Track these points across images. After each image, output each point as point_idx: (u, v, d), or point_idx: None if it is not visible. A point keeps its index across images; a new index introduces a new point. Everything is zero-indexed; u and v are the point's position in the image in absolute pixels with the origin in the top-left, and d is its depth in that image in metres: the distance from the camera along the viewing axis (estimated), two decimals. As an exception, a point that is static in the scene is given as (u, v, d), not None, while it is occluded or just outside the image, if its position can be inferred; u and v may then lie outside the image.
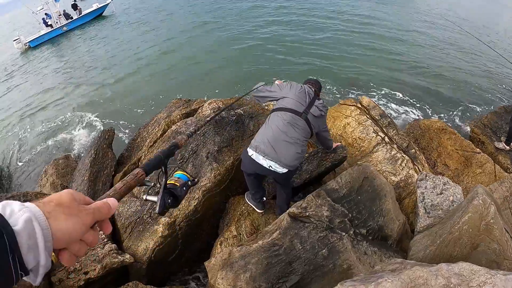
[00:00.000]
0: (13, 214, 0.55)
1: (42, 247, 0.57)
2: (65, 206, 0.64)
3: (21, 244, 0.53)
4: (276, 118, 3.03)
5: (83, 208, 0.69)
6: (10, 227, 0.53)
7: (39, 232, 0.56)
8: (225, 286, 2.74)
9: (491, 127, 6.29)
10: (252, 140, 3.06)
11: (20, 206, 0.57)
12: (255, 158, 3.00)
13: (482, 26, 16.38)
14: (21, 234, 0.54)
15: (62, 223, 0.62)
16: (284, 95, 3.17)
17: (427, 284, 1.60)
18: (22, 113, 10.91)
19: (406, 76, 9.90)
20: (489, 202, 2.43)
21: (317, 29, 14.00)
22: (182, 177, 1.31)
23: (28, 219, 0.55)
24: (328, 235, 2.87)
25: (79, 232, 0.65)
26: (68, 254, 0.65)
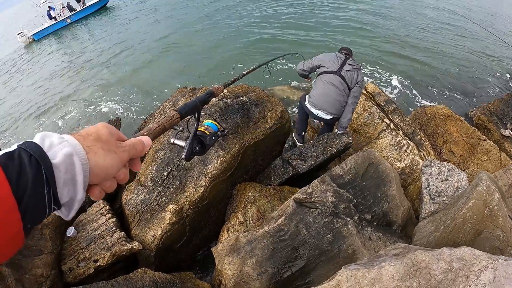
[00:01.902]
0: (52, 146, 0.55)
1: (80, 182, 0.57)
2: (103, 141, 0.64)
3: (58, 178, 0.53)
4: (320, 81, 4.25)
5: (120, 145, 0.68)
6: (49, 160, 0.52)
7: (79, 167, 0.56)
8: (232, 271, 2.80)
9: (498, 114, 6.24)
10: (309, 95, 4.41)
11: (60, 139, 0.56)
12: (309, 107, 4.40)
13: (492, 13, 16.08)
14: (59, 168, 0.53)
15: (101, 159, 0.61)
16: (321, 64, 4.29)
17: (429, 268, 1.63)
18: (27, 105, 10.98)
19: (411, 62, 9.78)
20: (493, 188, 2.45)
21: (326, 16, 13.82)
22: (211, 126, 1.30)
23: (69, 154, 0.55)
24: (333, 220, 2.91)
25: (115, 168, 0.65)
26: (98, 190, 0.65)
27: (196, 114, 1.13)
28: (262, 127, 4.08)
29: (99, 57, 13.63)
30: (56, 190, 0.53)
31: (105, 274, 3.32)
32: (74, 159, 0.55)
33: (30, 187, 0.48)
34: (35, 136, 0.56)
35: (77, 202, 0.58)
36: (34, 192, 0.49)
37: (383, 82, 8.70)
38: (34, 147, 0.52)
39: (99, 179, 0.62)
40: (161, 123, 0.90)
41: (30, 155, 0.51)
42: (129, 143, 0.71)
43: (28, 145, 0.52)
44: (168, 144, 3.96)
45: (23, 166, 0.49)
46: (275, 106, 4.30)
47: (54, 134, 0.57)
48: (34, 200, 0.49)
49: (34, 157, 0.51)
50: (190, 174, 3.62)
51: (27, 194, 0.48)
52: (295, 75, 8.62)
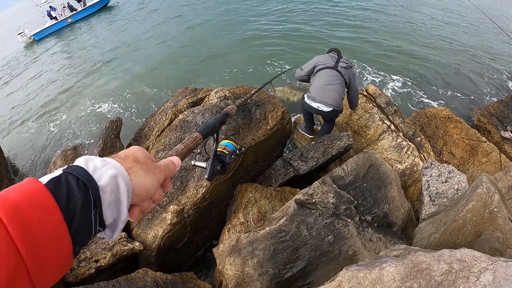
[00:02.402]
0: (97, 169, 0.56)
1: (125, 202, 0.58)
2: (141, 162, 0.66)
3: (103, 200, 0.55)
4: (318, 77, 4.42)
5: (156, 165, 0.70)
6: (96, 183, 0.54)
7: (123, 188, 0.58)
8: (233, 271, 2.81)
9: (498, 116, 6.26)
10: (307, 92, 4.54)
11: (102, 162, 0.58)
12: (308, 103, 4.50)
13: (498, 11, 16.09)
14: (105, 190, 0.55)
15: (142, 179, 0.63)
16: (317, 63, 4.49)
17: (429, 269, 1.65)
18: (29, 105, 10.94)
19: (412, 63, 9.78)
20: (493, 190, 2.47)
21: (325, 15, 13.84)
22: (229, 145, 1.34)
23: (113, 175, 0.56)
24: (334, 221, 2.93)
25: (154, 188, 0.67)
26: (138, 210, 0.66)
27: (215, 134, 1.17)
28: (263, 128, 4.10)
29: (99, 58, 13.60)
30: (102, 211, 0.55)
31: (106, 274, 3.33)
32: (118, 180, 0.57)
33: (79, 211, 0.50)
34: (77, 160, 0.58)
35: (121, 222, 0.60)
36: (83, 215, 0.51)
37: (383, 83, 8.71)
38: (81, 170, 0.54)
39: (140, 199, 0.64)
40: (186, 144, 0.95)
41: (78, 178, 0.52)
42: (163, 164, 0.73)
43: (74, 169, 0.54)
44: (170, 144, 3.98)
45: (72, 191, 0.50)
46: (276, 107, 4.32)
47: (96, 158, 0.59)
48: (83, 223, 0.51)
49: (81, 181, 0.52)
50: (191, 174, 3.64)
51: (77, 218, 0.50)
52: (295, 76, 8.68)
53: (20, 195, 0.46)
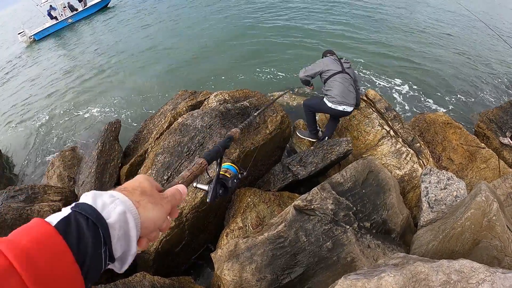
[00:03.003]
0: (105, 206, 0.57)
1: (134, 236, 0.59)
2: (149, 194, 0.66)
3: (113, 236, 0.55)
4: (335, 82, 4.56)
5: (163, 196, 0.71)
6: (105, 221, 0.55)
7: (132, 223, 0.59)
8: (231, 277, 2.81)
9: (497, 122, 6.25)
10: (328, 96, 4.59)
11: (111, 198, 0.59)
12: (333, 107, 4.59)
13: (498, 18, 16.15)
14: (114, 227, 0.55)
15: (150, 213, 0.64)
16: (324, 68, 4.64)
17: (428, 279, 1.65)
18: (28, 106, 10.91)
19: (411, 68, 9.79)
20: (492, 199, 2.47)
21: (322, 20, 13.86)
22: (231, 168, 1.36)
23: (122, 212, 0.57)
24: (332, 228, 2.92)
25: (162, 220, 0.68)
26: (146, 241, 0.67)
27: (218, 159, 1.20)
28: (263, 132, 4.10)
29: (99, 59, 13.57)
30: (111, 247, 0.55)
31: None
32: (127, 216, 0.58)
33: (90, 250, 0.51)
34: (85, 196, 0.58)
35: (130, 256, 0.61)
36: (94, 254, 0.51)
37: (382, 88, 8.72)
38: (89, 209, 0.55)
39: (148, 231, 0.65)
40: (192, 171, 0.96)
41: (87, 218, 0.53)
42: (169, 194, 0.73)
43: (82, 207, 0.55)
44: (168, 148, 3.97)
45: (82, 231, 0.51)
46: (276, 112, 4.33)
47: (104, 193, 0.60)
48: (94, 262, 0.52)
49: (91, 220, 0.53)
50: (190, 179, 3.63)
51: (88, 258, 0.50)
52: (294, 81, 8.69)
53: (30, 239, 0.46)
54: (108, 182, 4.65)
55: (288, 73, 9.39)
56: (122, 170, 4.74)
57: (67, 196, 4.32)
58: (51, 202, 4.10)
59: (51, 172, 5.67)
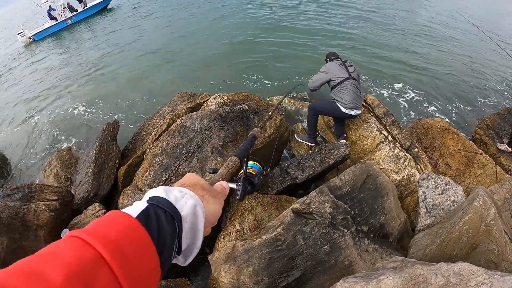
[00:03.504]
0: (178, 200, 0.59)
1: (201, 230, 0.61)
2: (207, 189, 0.69)
3: (183, 229, 0.57)
4: (345, 90, 4.71)
5: (217, 191, 0.74)
6: (180, 215, 0.57)
7: (201, 217, 0.61)
8: (228, 279, 2.79)
9: (494, 128, 6.29)
10: (340, 102, 4.71)
11: (181, 193, 0.61)
12: (347, 112, 4.74)
13: (494, 25, 16.28)
14: (186, 220, 0.58)
15: (212, 206, 0.66)
16: (332, 77, 4.76)
17: (426, 282, 1.65)
18: (26, 105, 10.84)
19: (410, 74, 9.84)
20: (489, 203, 2.48)
21: (323, 23, 13.93)
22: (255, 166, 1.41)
23: (193, 205, 0.60)
24: (330, 231, 2.92)
25: (220, 213, 0.71)
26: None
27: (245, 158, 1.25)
28: (261, 136, 4.10)
29: (98, 61, 13.53)
30: (181, 239, 0.57)
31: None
32: (197, 209, 0.60)
33: (168, 242, 0.53)
34: (156, 191, 0.60)
35: (196, 249, 0.63)
36: (171, 245, 0.54)
37: (380, 93, 8.75)
38: (166, 203, 0.57)
39: (210, 224, 0.68)
40: (229, 168, 1.02)
41: (165, 211, 0.55)
42: (220, 189, 0.78)
43: (159, 200, 0.57)
44: (167, 149, 3.97)
45: (161, 223, 0.53)
46: (274, 115, 4.33)
47: (173, 188, 0.62)
48: (169, 253, 0.54)
49: (169, 213, 0.55)
50: (188, 180, 3.62)
51: (166, 250, 0.52)
52: (295, 84, 8.71)
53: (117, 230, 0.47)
54: (105, 183, 4.63)
55: (290, 76, 9.42)
56: (120, 171, 4.72)
57: (63, 196, 4.28)
58: (48, 202, 4.06)
59: (48, 171, 5.64)
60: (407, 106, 8.25)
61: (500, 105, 8.53)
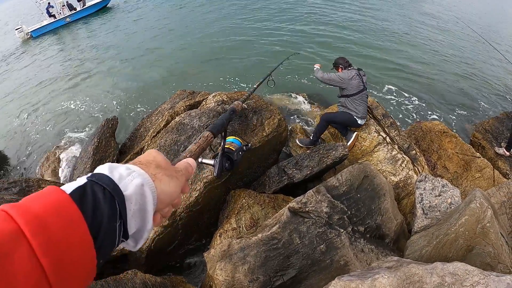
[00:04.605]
0: (122, 178, 0.54)
1: (150, 211, 0.56)
2: (164, 167, 0.64)
3: (128, 210, 0.52)
4: (358, 100, 4.86)
5: (177, 169, 0.68)
6: (122, 193, 0.51)
7: (150, 197, 0.55)
8: (223, 277, 2.78)
9: (492, 132, 6.31)
10: (355, 113, 4.88)
11: (128, 170, 0.56)
12: (360, 122, 4.99)
13: (493, 30, 16.33)
14: (131, 200, 0.52)
15: (166, 186, 0.61)
16: (347, 86, 4.81)
17: (422, 281, 1.64)
18: (24, 101, 10.82)
19: (409, 77, 9.85)
20: (486, 205, 2.47)
21: (325, 24, 13.94)
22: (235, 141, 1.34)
23: (140, 184, 0.54)
24: (326, 231, 2.92)
25: (177, 193, 0.65)
26: (159, 217, 0.64)
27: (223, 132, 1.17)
28: (259, 135, 4.10)
29: (96, 58, 13.48)
30: (126, 222, 0.52)
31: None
32: (145, 189, 0.55)
33: (105, 223, 0.48)
34: (101, 168, 0.55)
35: (146, 232, 0.58)
36: (108, 227, 0.48)
37: (379, 95, 8.76)
38: (107, 180, 0.52)
39: (164, 205, 0.62)
40: (199, 144, 0.94)
41: (104, 188, 0.50)
42: (183, 167, 0.72)
43: (99, 177, 0.52)
44: (165, 146, 3.96)
45: (98, 201, 0.48)
46: (273, 114, 4.33)
47: (120, 165, 0.57)
48: (108, 236, 0.49)
49: (108, 191, 0.50)
50: (185, 177, 3.61)
51: (102, 231, 0.47)
52: (294, 85, 8.73)
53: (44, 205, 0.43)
54: (102, 179, 4.62)
55: (290, 75, 9.43)
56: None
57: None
58: (44, 197, 4.06)
59: (46, 166, 5.64)
60: (405, 108, 8.27)
61: (499, 109, 8.55)
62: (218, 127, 1.10)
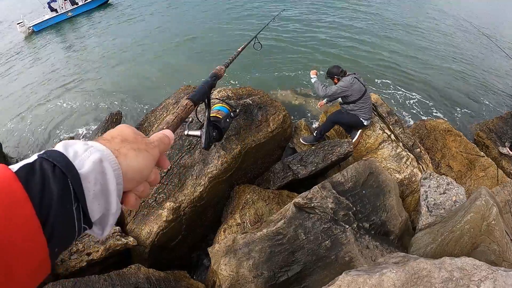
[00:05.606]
0: (78, 155, 0.47)
1: (113, 191, 0.49)
2: (131, 140, 0.56)
3: (87, 191, 0.45)
4: (363, 103, 4.84)
5: (148, 141, 0.61)
6: (76, 171, 0.45)
7: (111, 174, 0.48)
8: (227, 272, 2.79)
9: (496, 131, 6.29)
10: (362, 115, 4.89)
11: (85, 146, 0.48)
12: (366, 124, 4.98)
13: (498, 28, 16.28)
14: (88, 179, 0.45)
15: (133, 161, 0.54)
16: (351, 93, 4.77)
17: (430, 276, 1.64)
18: (27, 95, 10.85)
19: (414, 75, 9.85)
20: (491, 203, 2.47)
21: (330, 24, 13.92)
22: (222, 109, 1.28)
23: (97, 160, 0.47)
24: (331, 227, 2.91)
25: (150, 168, 0.58)
26: (133, 197, 0.57)
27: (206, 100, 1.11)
28: (264, 131, 4.09)
29: (98, 53, 13.48)
30: (85, 205, 0.46)
31: (97, 268, 3.28)
32: (104, 165, 0.48)
33: (56, 204, 0.41)
34: (57, 145, 0.48)
35: (111, 216, 0.51)
36: (61, 210, 0.42)
37: (385, 92, 8.75)
38: (58, 156, 0.45)
39: (134, 183, 0.56)
40: (177, 114, 0.87)
41: (54, 165, 0.44)
42: (156, 138, 0.64)
43: (50, 154, 0.45)
44: (169, 141, 3.95)
45: (47, 180, 0.42)
46: (278, 110, 4.32)
47: (78, 141, 0.50)
48: (61, 220, 0.42)
49: (58, 168, 0.43)
50: (190, 172, 3.62)
51: (53, 213, 0.41)
52: (297, 81, 8.72)
53: None
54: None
55: (294, 72, 9.42)
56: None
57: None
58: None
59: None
60: (410, 107, 8.26)
61: (503, 108, 8.53)
62: (198, 95, 1.04)
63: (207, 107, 1.11)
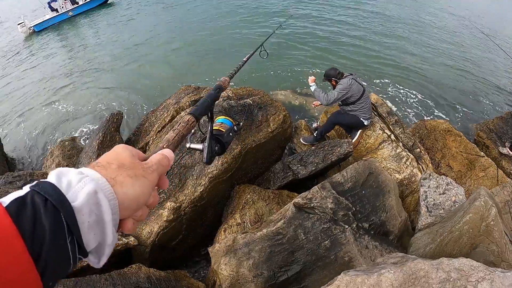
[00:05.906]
0: (71, 186, 0.46)
1: (109, 222, 0.48)
2: (127, 166, 0.55)
3: (81, 224, 0.45)
4: (363, 103, 4.83)
5: (146, 166, 0.59)
6: (69, 204, 0.44)
7: (106, 206, 0.47)
8: (228, 272, 2.80)
9: (497, 131, 6.29)
10: (362, 116, 4.90)
11: (79, 175, 0.47)
12: (367, 123, 5.00)
13: (499, 28, 16.26)
14: (82, 211, 0.44)
15: (129, 189, 0.52)
16: (352, 94, 4.75)
17: (427, 276, 1.66)
18: (28, 95, 10.88)
19: (414, 75, 9.85)
20: (490, 204, 2.48)
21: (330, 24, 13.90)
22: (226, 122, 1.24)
23: (91, 192, 0.46)
24: (331, 227, 2.93)
25: (147, 194, 0.56)
26: (131, 222, 0.56)
27: (209, 113, 1.07)
28: (264, 131, 4.10)
29: (99, 53, 13.50)
30: (80, 237, 0.45)
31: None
32: (99, 197, 0.47)
33: (48, 239, 0.41)
34: (50, 174, 0.47)
35: (107, 246, 0.50)
36: (54, 245, 0.41)
37: (384, 93, 8.75)
38: (50, 189, 0.44)
39: (131, 211, 0.54)
40: (178, 131, 0.83)
41: (46, 199, 0.43)
42: (155, 161, 0.62)
43: (42, 186, 0.44)
44: (170, 141, 3.96)
45: (38, 215, 0.41)
46: (278, 110, 4.33)
47: (71, 170, 0.49)
48: (54, 254, 0.42)
49: (50, 202, 0.43)
50: (190, 172, 3.63)
51: (45, 249, 0.40)
52: (297, 81, 8.72)
53: None
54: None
55: (294, 72, 9.42)
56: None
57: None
58: (49, 190, 4.08)
59: (50, 161, 5.66)
60: (410, 107, 8.26)
61: (503, 108, 8.53)
62: (201, 109, 1.00)
63: (210, 120, 1.07)
